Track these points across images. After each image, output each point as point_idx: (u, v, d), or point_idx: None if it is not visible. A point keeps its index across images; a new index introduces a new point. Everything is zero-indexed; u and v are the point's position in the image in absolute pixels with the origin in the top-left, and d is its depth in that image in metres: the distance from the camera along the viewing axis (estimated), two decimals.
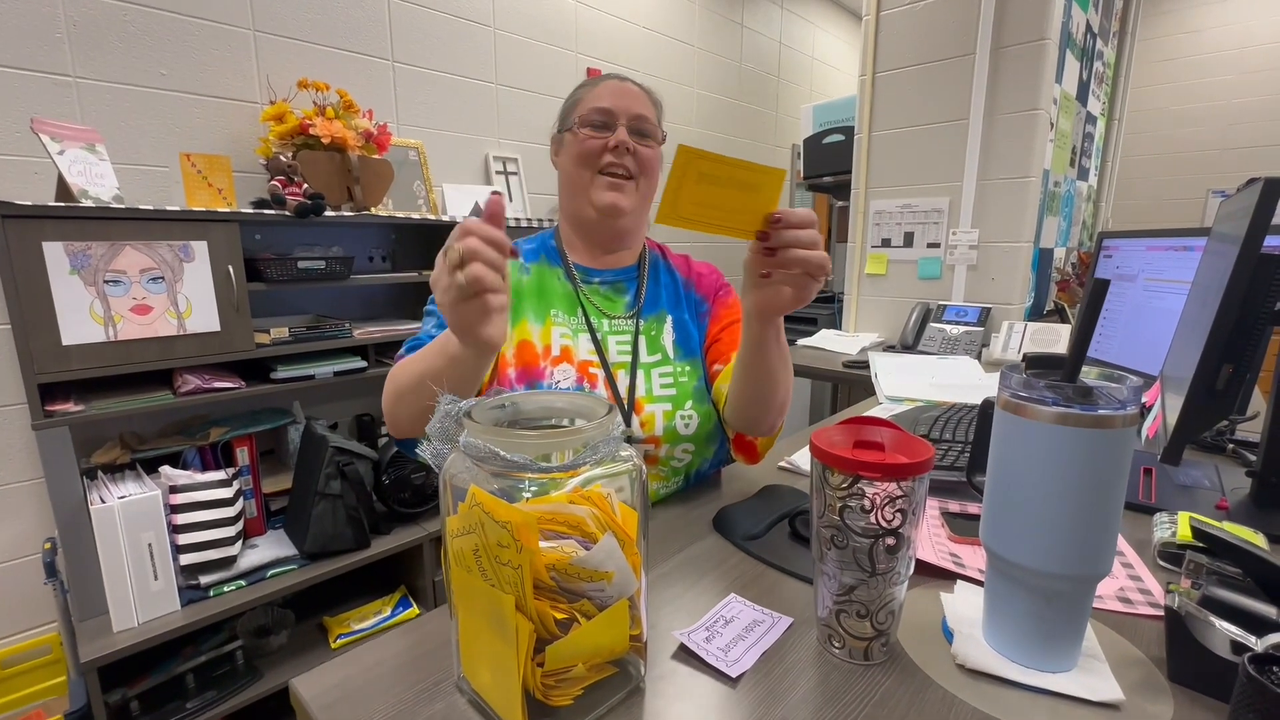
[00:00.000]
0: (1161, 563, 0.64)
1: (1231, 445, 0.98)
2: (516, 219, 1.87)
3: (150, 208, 1.23)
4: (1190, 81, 3.84)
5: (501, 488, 0.40)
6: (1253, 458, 0.87)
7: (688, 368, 0.85)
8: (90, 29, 1.38)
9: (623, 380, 0.82)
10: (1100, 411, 0.42)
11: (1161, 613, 0.49)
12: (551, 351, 0.81)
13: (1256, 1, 3.60)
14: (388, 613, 1.59)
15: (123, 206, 1.21)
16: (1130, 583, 0.60)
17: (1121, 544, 0.67)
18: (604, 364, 0.81)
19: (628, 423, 0.79)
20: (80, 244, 1.16)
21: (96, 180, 1.22)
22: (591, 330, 0.83)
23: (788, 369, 0.76)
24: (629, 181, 0.83)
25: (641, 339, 0.85)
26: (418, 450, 0.77)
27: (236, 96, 1.59)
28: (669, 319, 0.88)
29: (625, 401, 0.80)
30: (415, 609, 1.62)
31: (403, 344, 0.79)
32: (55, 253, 1.14)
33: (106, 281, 1.19)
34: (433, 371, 0.63)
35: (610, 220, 0.84)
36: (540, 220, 1.99)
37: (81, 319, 1.17)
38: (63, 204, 1.17)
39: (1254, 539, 0.61)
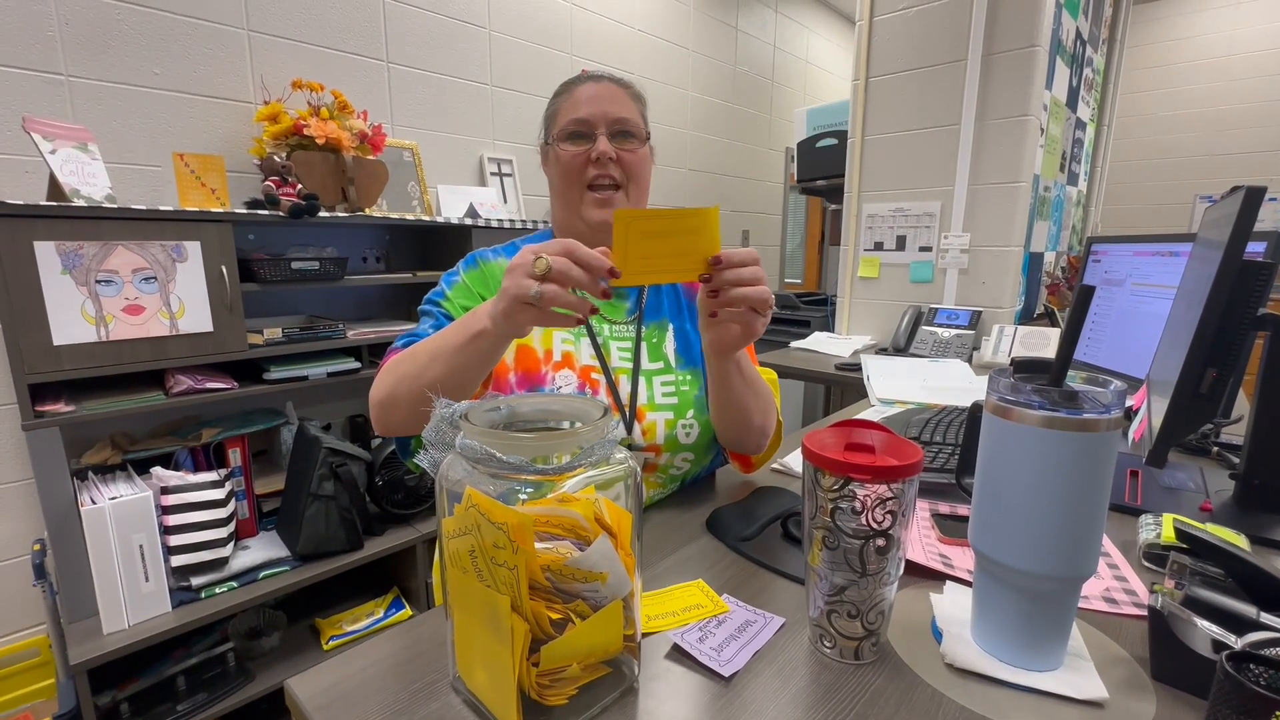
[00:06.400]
0: (1146, 563, 0.65)
1: (1216, 448, 0.99)
2: (511, 220, 1.87)
3: (143, 207, 1.22)
4: (1178, 88, 3.89)
5: (498, 490, 0.41)
6: (1236, 460, 0.88)
7: (689, 376, 0.85)
8: (83, 27, 1.38)
9: (624, 387, 0.81)
10: (1085, 415, 0.43)
11: (1145, 613, 0.50)
12: (553, 356, 0.80)
13: (1243, 10, 3.65)
14: (380, 614, 1.59)
15: (115, 206, 1.21)
16: (1115, 583, 0.61)
17: (1108, 545, 0.68)
18: (605, 370, 0.81)
19: (629, 430, 0.79)
20: (72, 244, 1.15)
21: (89, 180, 1.22)
22: (592, 335, 0.83)
23: (759, 397, 0.78)
24: (617, 192, 0.82)
25: (643, 345, 0.85)
26: (416, 459, 0.77)
27: (230, 96, 1.59)
28: (670, 327, 0.88)
29: (627, 408, 0.80)
30: (408, 610, 1.62)
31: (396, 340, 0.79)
32: (47, 252, 1.13)
33: (98, 281, 1.19)
34: (450, 346, 0.64)
35: (604, 236, 0.83)
36: (535, 222, 2.00)
37: (73, 319, 1.17)
38: (54, 204, 1.16)
39: (1236, 540, 0.62)
